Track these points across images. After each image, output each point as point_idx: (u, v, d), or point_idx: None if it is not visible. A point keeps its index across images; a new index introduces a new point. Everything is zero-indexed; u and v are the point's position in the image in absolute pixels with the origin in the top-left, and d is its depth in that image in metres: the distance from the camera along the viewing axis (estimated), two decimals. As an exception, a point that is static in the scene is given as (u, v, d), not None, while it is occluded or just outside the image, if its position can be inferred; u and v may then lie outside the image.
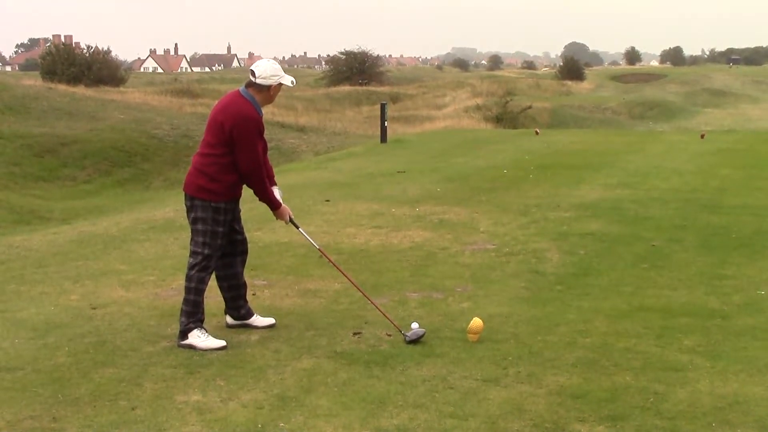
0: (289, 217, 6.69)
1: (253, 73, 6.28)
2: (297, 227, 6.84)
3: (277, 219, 6.75)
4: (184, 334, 6.31)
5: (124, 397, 5.34)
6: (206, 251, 6.36)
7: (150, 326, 6.86)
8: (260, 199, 6.50)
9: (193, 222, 6.39)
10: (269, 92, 6.35)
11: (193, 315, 6.32)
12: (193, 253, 6.40)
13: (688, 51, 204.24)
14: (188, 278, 6.36)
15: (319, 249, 7.08)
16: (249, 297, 6.97)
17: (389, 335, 6.55)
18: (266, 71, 6.29)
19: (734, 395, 5.31)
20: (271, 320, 6.87)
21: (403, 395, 5.33)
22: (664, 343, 6.34)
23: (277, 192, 6.61)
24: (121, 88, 52.41)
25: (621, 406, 5.15)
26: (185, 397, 5.33)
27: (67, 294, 7.91)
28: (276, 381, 5.60)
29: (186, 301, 6.35)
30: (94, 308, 7.38)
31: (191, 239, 6.44)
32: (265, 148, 6.54)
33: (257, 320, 6.85)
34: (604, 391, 5.38)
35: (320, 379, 5.62)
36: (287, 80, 6.36)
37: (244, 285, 6.86)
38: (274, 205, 6.56)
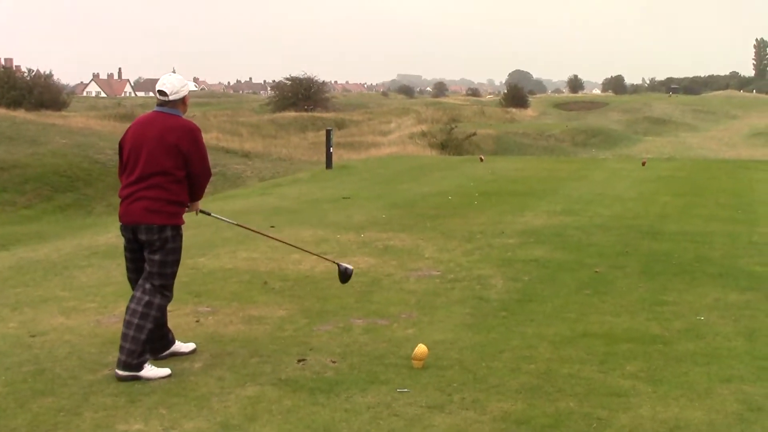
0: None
1: (163, 93, 6.28)
2: (208, 214, 6.90)
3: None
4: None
5: (63, 426, 5.23)
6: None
7: (91, 354, 6.75)
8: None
9: None
10: (185, 104, 6.41)
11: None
12: None
13: (629, 80, 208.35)
14: None
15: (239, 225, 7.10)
16: (193, 324, 6.88)
17: (334, 362, 6.52)
18: (176, 86, 6.31)
19: (675, 420, 5.37)
20: (191, 346, 6.79)
21: (347, 422, 5.30)
22: (606, 369, 6.39)
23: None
24: (63, 113, 51.84)
25: (565, 431, 5.17)
26: (126, 426, 5.24)
27: (5, 322, 7.75)
28: (219, 409, 5.54)
29: None
30: (33, 336, 7.24)
31: None
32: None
33: (179, 346, 6.77)
34: (548, 417, 5.40)
35: (264, 407, 5.57)
36: (191, 86, 6.52)
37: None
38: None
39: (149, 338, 6.19)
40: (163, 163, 6.16)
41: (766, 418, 5.44)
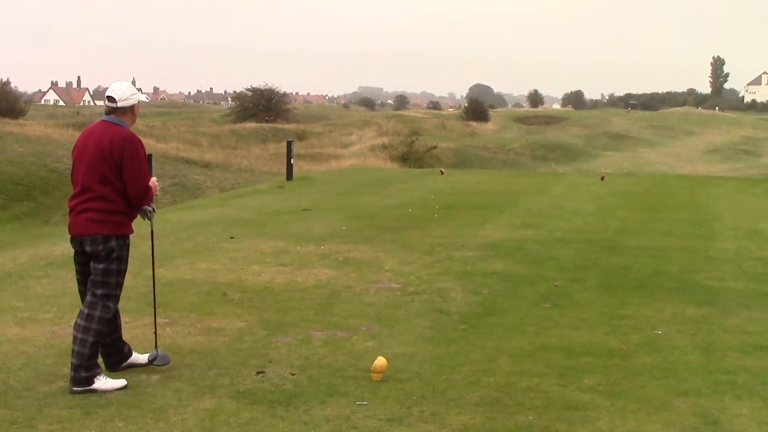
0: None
1: (112, 99, 6.21)
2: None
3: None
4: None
5: (17, 439, 5.15)
6: None
7: (46, 365, 6.66)
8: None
9: None
10: (134, 113, 6.34)
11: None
12: None
13: (589, 95, 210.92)
14: None
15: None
16: (150, 335, 6.81)
17: (293, 374, 6.49)
18: (125, 93, 6.25)
19: (633, 433, 5.40)
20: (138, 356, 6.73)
21: (306, 435, 5.27)
22: (565, 383, 6.42)
23: None
24: (21, 121, 51.24)
25: (523, 445, 5.18)
26: (82, 438, 5.17)
27: (-41, 332, 7.63)
28: (177, 421, 5.48)
29: None
30: (-13, 346, 7.14)
31: None
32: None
33: (136, 358, 6.71)
34: (507, 430, 5.41)
35: (222, 420, 5.52)
36: (143, 97, 6.43)
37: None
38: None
39: (94, 352, 6.10)
40: (103, 173, 6.08)
41: (722, 431, 5.49)
